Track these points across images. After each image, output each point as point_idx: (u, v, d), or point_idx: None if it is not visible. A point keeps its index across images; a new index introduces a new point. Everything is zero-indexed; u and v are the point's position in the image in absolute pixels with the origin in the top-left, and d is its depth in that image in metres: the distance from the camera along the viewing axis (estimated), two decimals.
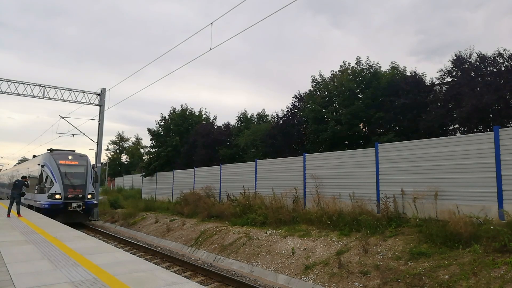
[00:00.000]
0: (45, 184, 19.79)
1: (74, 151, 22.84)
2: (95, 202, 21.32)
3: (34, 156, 26.61)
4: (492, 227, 7.82)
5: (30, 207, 21.72)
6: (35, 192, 20.67)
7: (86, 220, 21.46)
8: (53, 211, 18.68)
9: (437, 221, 9.17)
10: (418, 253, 8.20)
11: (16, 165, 51.30)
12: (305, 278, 9.22)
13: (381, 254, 8.85)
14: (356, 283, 8.22)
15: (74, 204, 19.42)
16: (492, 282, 6.50)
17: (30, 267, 5.83)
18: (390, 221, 10.20)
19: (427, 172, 10.25)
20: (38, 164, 20.87)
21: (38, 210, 19.59)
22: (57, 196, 19.26)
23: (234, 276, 9.98)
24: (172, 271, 9.44)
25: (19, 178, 16.37)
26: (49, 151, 21.60)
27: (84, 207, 19.86)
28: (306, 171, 14.49)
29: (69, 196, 19.56)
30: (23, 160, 60.51)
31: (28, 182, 21.64)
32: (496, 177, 8.73)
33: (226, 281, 9.40)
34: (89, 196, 20.44)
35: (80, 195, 20.00)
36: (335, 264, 9.11)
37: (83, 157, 21.84)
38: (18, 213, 15.66)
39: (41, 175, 20.32)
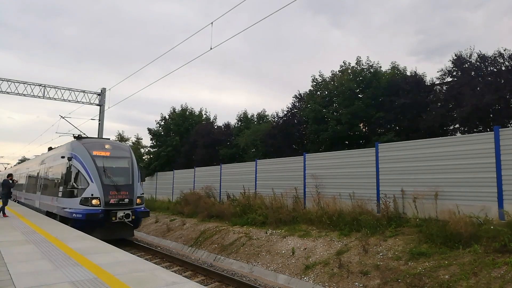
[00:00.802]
0: (75, 184, 13.59)
1: (109, 139, 17.60)
2: (147, 209, 15.08)
3: (50, 148, 20.81)
4: (492, 227, 7.82)
5: (49, 214, 15.81)
6: (58, 195, 14.65)
7: (132, 235, 14.82)
8: (89, 224, 12.76)
9: (437, 221, 9.16)
10: (418, 253, 8.20)
11: (17, 164, 50.27)
12: (305, 278, 9.22)
13: (381, 254, 8.85)
14: (356, 283, 8.22)
15: (120, 214, 13.22)
16: (492, 282, 6.50)
17: (30, 267, 5.83)
18: (390, 221, 10.19)
19: (427, 172, 10.24)
20: (62, 157, 14.83)
21: (65, 220, 13.45)
22: (95, 202, 13.18)
23: (234, 276, 9.98)
24: (172, 271, 9.43)
25: (6, 177, 15.06)
26: (76, 139, 15.59)
27: (133, 216, 13.63)
28: (306, 171, 14.48)
29: (112, 201, 13.42)
30: (23, 160, 59.24)
31: (16, 181, 18.51)
32: (496, 177, 8.72)
33: (226, 281, 9.40)
34: (138, 201, 14.25)
35: (127, 200, 13.79)
36: (335, 264, 9.11)
37: (125, 147, 16.04)
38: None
39: (68, 171, 14.09)
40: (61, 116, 25.64)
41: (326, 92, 20.46)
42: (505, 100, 13.92)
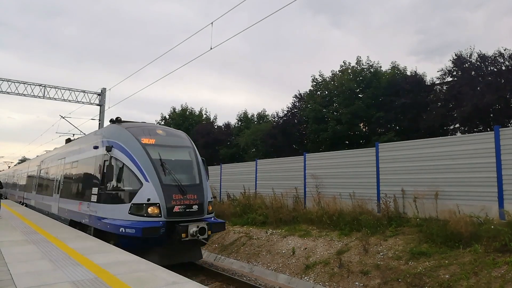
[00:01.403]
0: (120, 185, 9.53)
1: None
2: (222, 220, 10.60)
3: (69, 140, 16.99)
4: (492, 226, 7.81)
5: (74, 224, 11.69)
6: (91, 199, 10.39)
7: (201, 257, 10.66)
8: (145, 243, 8.86)
9: (437, 220, 9.16)
10: (418, 253, 8.20)
11: (17, 164, 48.75)
12: (306, 277, 9.22)
13: (381, 253, 8.85)
14: (357, 283, 8.22)
15: (192, 228, 8.89)
16: (492, 281, 6.50)
17: (30, 267, 5.84)
18: (390, 220, 10.19)
19: (428, 172, 10.24)
20: (95, 147, 11.02)
21: (104, 236, 9.39)
22: (152, 210, 8.90)
23: (235, 275, 9.98)
24: (173, 271, 9.44)
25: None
26: (114, 122, 11.38)
27: (210, 231, 9.36)
28: (307, 171, 14.48)
29: (176, 209, 9.16)
30: (23, 160, 58.14)
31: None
32: (497, 177, 8.72)
33: (226, 281, 9.41)
34: (209, 207, 10.08)
35: (196, 207, 9.52)
36: (336, 263, 9.11)
37: (182, 134, 11.69)
38: None
39: (107, 166, 9.80)
40: (61, 116, 25.64)
41: (326, 92, 20.48)
42: (505, 99, 13.93)
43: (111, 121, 11.64)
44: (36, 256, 6.69)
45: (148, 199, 8.90)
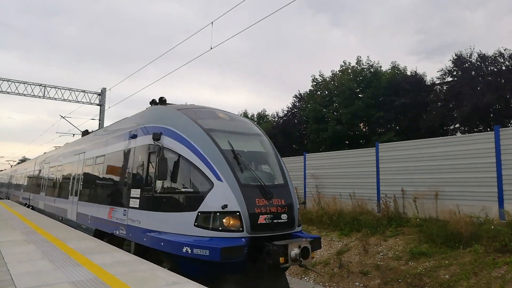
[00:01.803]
0: (177, 185, 6.92)
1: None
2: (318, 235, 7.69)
3: (86, 132, 14.52)
4: (492, 227, 7.82)
5: (99, 234, 9.22)
6: (129, 204, 7.82)
7: (288, 286, 7.14)
8: (221, 268, 6.18)
9: (437, 221, 9.16)
10: (418, 253, 8.20)
11: (18, 163, 47.82)
12: (306, 278, 9.23)
13: (381, 254, 8.85)
14: (357, 283, 8.22)
15: (294, 250, 5.93)
16: (492, 282, 6.50)
17: (30, 267, 5.83)
18: (390, 221, 10.19)
19: (428, 172, 10.24)
20: (132, 136, 8.40)
21: (154, 256, 6.79)
22: (229, 221, 6.11)
23: None
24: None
25: None
26: (158, 104, 8.70)
27: (312, 253, 6.33)
28: (307, 171, 14.48)
29: (262, 219, 6.29)
30: (23, 160, 57.62)
31: None
32: (497, 177, 8.72)
33: None
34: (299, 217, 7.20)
35: (285, 216, 6.62)
36: (336, 264, 9.11)
37: (247, 120, 9.27)
38: None
39: (158, 160, 6.78)
40: (62, 116, 25.64)
41: (326, 92, 20.50)
42: (505, 99, 13.93)
43: (153, 102, 8.99)
44: (36, 256, 6.69)
45: (224, 206, 6.09)
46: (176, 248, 6.24)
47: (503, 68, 14.71)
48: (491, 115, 14.62)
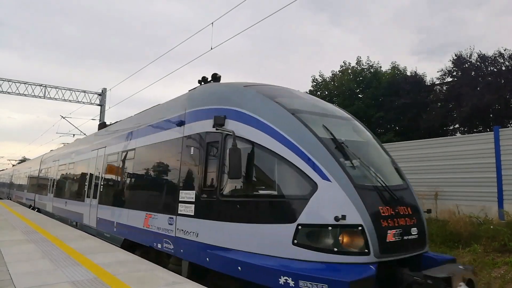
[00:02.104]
0: (257, 186, 5.04)
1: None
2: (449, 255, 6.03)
3: (104, 125, 13.03)
4: (492, 227, 7.83)
5: (129, 246, 7.70)
6: (178, 210, 5.98)
7: None
8: None
9: (437, 220, 9.16)
10: None
11: (18, 163, 46.83)
12: None
13: None
14: None
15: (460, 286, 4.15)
16: (492, 282, 6.51)
17: (30, 267, 5.84)
18: None
19: (428, 172, 10.24)
20: (178, 124, 6.58)
21: (221, 282, 5.50)
22: (351, 240, 4.18)
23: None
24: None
25: None
26: (216, 82, 7.14)
27: None
28: None
29: (391, 236, 4.30)
30: (23, 160, 56.96)
31: None
32: (497, 177, 8.73)
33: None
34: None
35: (415, 231, 4.63)
36: None
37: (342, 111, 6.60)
38: None
39: (229, 151, 4.84)
40: (62, 116, 25.63)
41: (326, 92, 20.51)
42: (505, 100, 13.95)
43: (202, 80, 7.26)
44: (36, 256, 6.69)
45: (339, 217, 4.14)
46: (265, 277, 4.32)
47: (503, 68, 14.72)
48: (491, 115, 14.63)
